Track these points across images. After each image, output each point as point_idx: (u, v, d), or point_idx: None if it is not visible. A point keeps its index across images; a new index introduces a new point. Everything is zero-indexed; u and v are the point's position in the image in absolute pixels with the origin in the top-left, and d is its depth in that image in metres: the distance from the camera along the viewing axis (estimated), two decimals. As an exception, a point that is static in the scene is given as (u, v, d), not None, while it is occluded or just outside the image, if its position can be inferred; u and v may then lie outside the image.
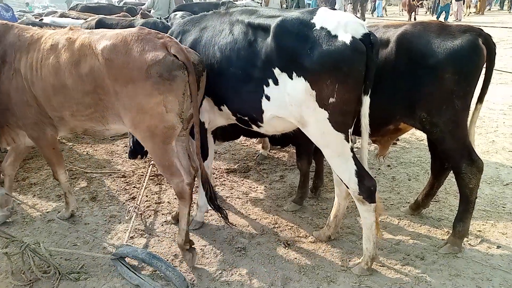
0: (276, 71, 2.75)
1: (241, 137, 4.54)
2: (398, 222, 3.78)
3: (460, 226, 3.22)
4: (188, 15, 6.42)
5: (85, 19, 8.10)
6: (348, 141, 2.76)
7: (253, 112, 3.06)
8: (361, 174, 2.79)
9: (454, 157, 3.09)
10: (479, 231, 3.59)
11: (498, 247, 3.36)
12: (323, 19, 2.60)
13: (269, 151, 5.45)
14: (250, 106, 3.06)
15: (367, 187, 2.80)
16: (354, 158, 2.80)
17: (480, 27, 2.98)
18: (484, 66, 2.98)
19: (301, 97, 2.67)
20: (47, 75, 3.15)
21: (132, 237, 3.60)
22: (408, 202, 4.07)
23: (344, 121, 2.71)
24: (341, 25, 2.54)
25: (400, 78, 3.02)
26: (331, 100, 2.59)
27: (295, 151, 5.08)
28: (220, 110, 3.38)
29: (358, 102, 2.69)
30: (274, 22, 2.74)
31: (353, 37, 2.50)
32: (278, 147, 5.36)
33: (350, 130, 2.77)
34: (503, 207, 3.95)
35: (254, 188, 4.56)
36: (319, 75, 2.56)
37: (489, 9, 29.43)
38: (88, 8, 11.25)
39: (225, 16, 3.25)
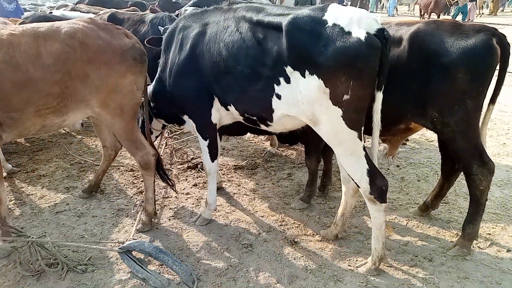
0: (288, 69, 2.71)
1: (249, 134, 4.53)
2: (407, 223, 3.74)
3: (469, 228, 3.18)
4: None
5: (94, 13, 8.16)
6: (360, 139, 2.74)
7: (263, 111, 3.03)
8: (373, 173, 2.77)
9: (465, 158, 3.05)
10: (489, 234, 3.54)
11: (508, 250, 3.31)
12: (335, 15, 2.57)
13: (277, 149, 5.44)
14: (259, 105, 3.02)
15: (379, 187, 2.77)
16: (366, 156, 2.77)
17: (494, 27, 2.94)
18: (498, 66, 2.94)
19: (314, 95, 2.64)
20: (2, 74, 2.89)
21: (139, 231, 3.61)
22: (417, 203, 4.03)
23: (358, 118, 2.68)
24: (354, 21, 2.52)
25: (412, 76, 2.98)
26: (345, 97, 2.57)
27: (303, 149, 5.08)
28: (227, 110, 3.34)
29: (371, 98, 2.66)
30: (285, 20, 2.69)
31: (367, 33, 2.47)
32: (286, 145, 5.34)
33: (362, 128, 2.75)
34: (514, 211, 3.90)
35: (261, 185, 4.55)
36: (334, 72, 2.53)
37: (502, 10, 29.04)
38: (96, 2, 11.28)
39: (229, 12, 3.19)
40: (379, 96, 2.65)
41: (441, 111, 2.95)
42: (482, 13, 26.11)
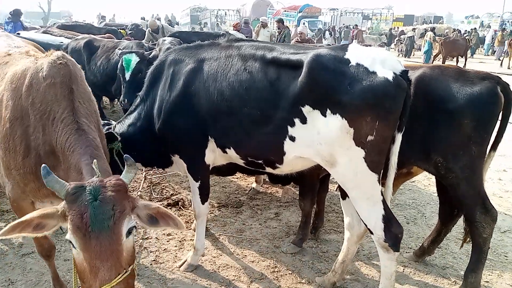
0: (306, 109, 2.57)
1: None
2: (403, 269, 3.60)
3: (472, 277, 3.07)
4: (177, 41, 6.22)
5: (68, 37, 7.91)
6: (379, 183, 2.61)
7: (272, 154, 2.86)
8: (389, 219, 2.64)
9: (468, 205, 2.98)
10: (487, 281, 3.46)
11: (509, 300, 3.23)
12: (357, 55, 2.50)
13: (261, 185, 5.23)
14: (268, 149, 2.84)
15: (394, 234, 2.64)
16: (383, 202, 2.64)
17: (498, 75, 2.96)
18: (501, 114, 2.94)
19: (335, 135, 2.51)
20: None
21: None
22: (410, 247, 3.92)
23: (379, 160, 2.57)
24: (377, 61, 2.45)
25: (417, 121, 2.91)
26: (370, 138, 2.46)
27: (289, 187, 4.91)
28: (224, 152, 3.10)
29: (392, 140, 2.58)
30: (307, 57, 2.57)
31: (394, 73, 2.42)
32: (278, 185, 5.11)
33: (382, 171, 2.62)
34: (506, 256, 3.86)
35: (248, 225, 4.29)
36: (360, 112, 2.43)
37: (472, 56, 28.96)
38: (66, 27, 10.97)
39: (231, 49, 2.99)
40: (399, 137, 2.57)
41: (446, 157, 2.89)
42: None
